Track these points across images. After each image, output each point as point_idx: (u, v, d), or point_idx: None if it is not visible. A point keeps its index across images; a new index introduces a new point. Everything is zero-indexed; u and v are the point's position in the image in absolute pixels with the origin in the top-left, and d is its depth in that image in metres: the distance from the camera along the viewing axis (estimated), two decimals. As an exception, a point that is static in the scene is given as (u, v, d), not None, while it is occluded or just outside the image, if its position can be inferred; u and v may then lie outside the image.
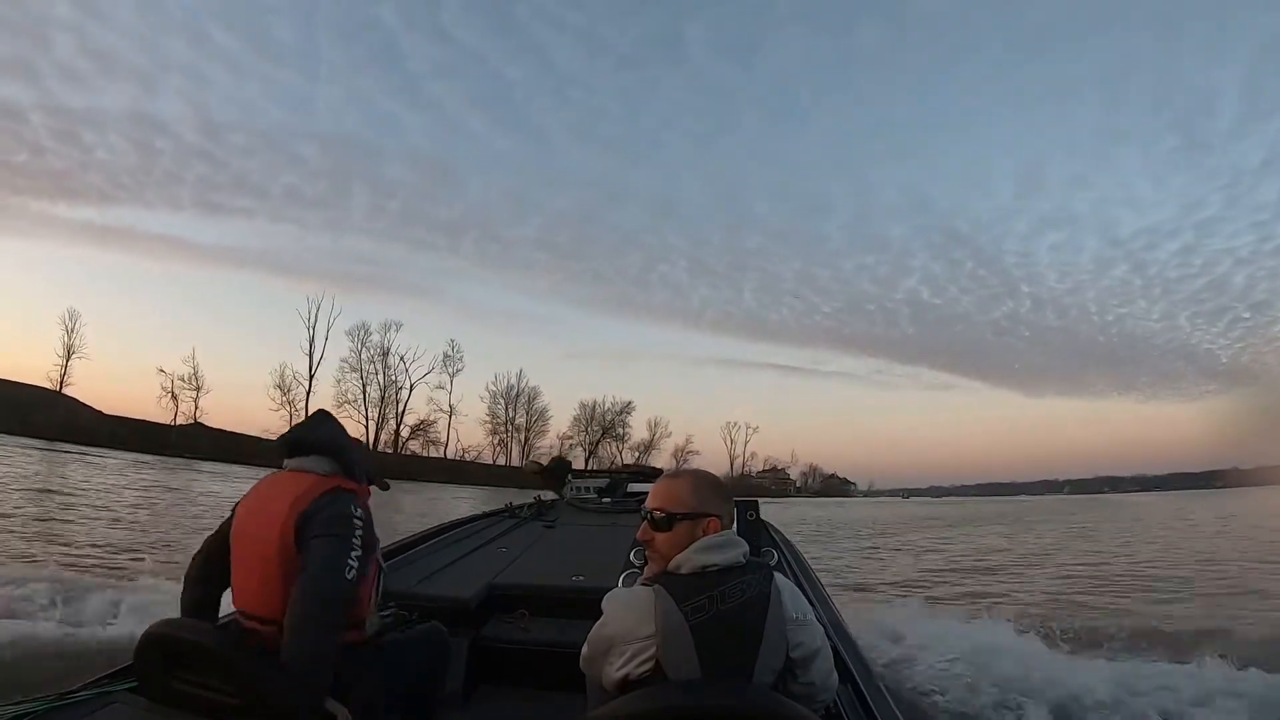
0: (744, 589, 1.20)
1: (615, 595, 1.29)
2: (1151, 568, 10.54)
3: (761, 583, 1.23)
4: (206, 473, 28.82)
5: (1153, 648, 4.82)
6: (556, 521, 4.26)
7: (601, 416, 77.86)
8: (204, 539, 1.82)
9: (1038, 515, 30.02)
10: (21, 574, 4.92)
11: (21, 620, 4.01)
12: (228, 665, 1.38)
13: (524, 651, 2.40)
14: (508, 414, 71.80)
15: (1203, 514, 26.29)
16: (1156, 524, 22.31)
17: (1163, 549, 13.46)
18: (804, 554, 3.48)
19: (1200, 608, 7.13)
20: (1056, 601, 7.65)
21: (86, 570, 6.00)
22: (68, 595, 4.47)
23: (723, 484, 1.40)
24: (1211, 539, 16.43)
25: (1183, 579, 9.33)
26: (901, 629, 4.53)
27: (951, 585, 8.66)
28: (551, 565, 3.12)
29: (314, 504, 1.59)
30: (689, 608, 1.17)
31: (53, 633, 3.90)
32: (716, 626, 1.17)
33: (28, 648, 3.66)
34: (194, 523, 10.86)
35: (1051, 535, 17.97)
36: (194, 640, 1.43)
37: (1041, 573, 10.13)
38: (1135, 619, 6.09)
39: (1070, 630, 5.15)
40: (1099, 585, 8.69)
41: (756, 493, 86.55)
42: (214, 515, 10.54)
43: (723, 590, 1.19)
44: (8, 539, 7.96)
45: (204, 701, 1.40)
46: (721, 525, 1.31)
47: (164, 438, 47.32)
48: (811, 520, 25.08)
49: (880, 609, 5.67)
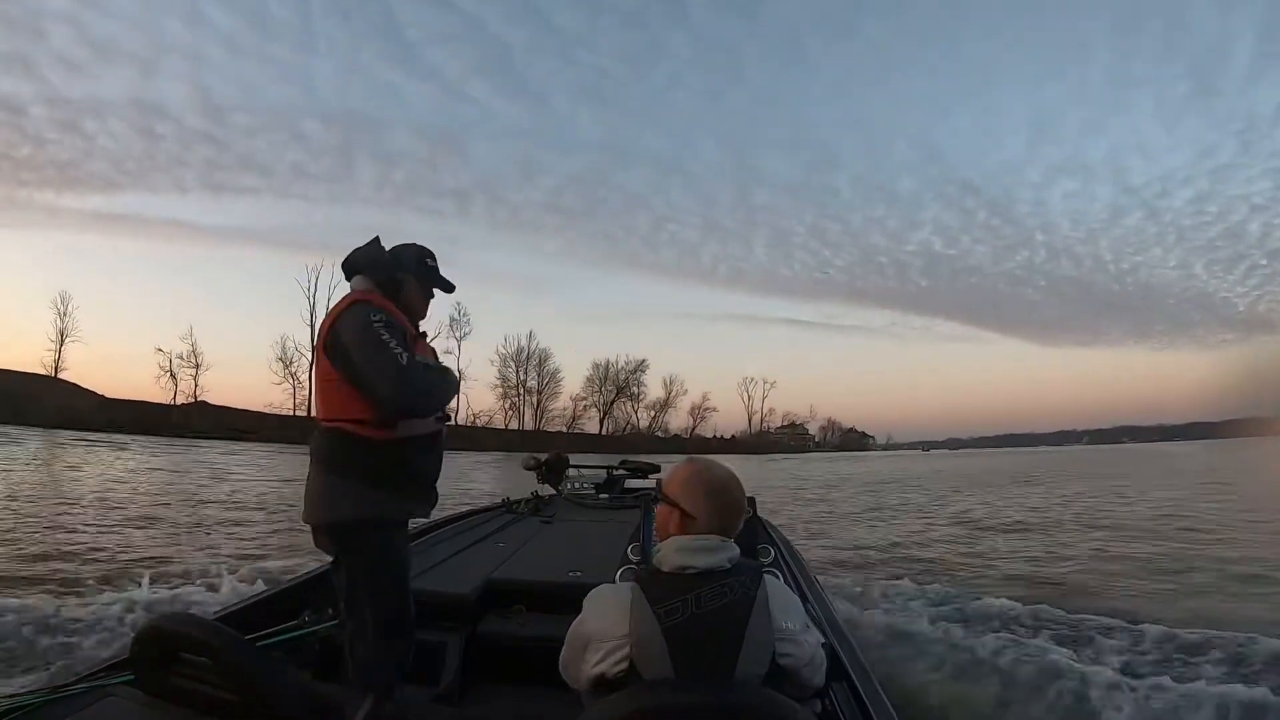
0: (725, 593, 1.19)
1: (596, 592, 1.30)
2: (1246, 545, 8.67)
3: (746, 587, 1.21)
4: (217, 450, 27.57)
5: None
6: (554, 517, 4.25)
7: (615, 376, 77.52)
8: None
9: (1065, 471, 28.83)
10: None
11: (20, 613, 4.09)
12: (225, 660, 1.38)
13: (521, 647, 2.40)
14: (519, 377, 71.66)
15: (1237, 465, 25.00)
16: (1200, 479, 20.83)
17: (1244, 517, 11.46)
18: (801, 552, 3.56)
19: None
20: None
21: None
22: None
23: (723, 489, 1.31)
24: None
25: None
26: (905, 624, 4.42)
27: (976, 571, 7.43)
28: (548, 561, 3.12)
29: (336, 321, 1.84)
30: (663, 609, 1.17)
31: (50, 625, 3.97)
32: (693, 630, 1.16)
33: (25, 640, 3.74)
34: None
35: (1088, 496, 16.13)
36: (191, 635, 1.43)
37: (1084, 550, 8.53)
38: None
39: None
40: (1172, 571, 7.21)
41: (774, 449, 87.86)
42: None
43: (700, 594, 1.18)
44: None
45: (201, 696, 1.41)
46: (701, 527, 1.27)
47: (164, 418, 46.64)
48: (815, 484, 23.38)
49: (882, 600, 5.42)
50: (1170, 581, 6.64)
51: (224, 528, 8.84)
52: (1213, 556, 7.79)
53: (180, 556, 6.62)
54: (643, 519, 2.50)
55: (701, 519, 1.28)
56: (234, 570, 5.41)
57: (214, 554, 6.84)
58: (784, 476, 27.63)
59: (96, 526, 8.41)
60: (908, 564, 7.65)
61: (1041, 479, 23.11)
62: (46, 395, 43.80)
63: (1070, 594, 6.00)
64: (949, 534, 10.15)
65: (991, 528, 10.76)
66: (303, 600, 2.54)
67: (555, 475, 5.02)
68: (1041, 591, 6.02)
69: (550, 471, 5.01)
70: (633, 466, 5.06)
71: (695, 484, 1.31)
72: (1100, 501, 14.67)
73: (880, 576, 6.57)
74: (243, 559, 6.45)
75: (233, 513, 10.40)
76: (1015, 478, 24.12)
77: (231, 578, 4.98)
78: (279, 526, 8.89)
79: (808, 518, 12.45)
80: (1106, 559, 7.88)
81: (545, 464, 4.98)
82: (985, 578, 6.92)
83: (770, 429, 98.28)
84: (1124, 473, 25.66)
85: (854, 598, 5.37)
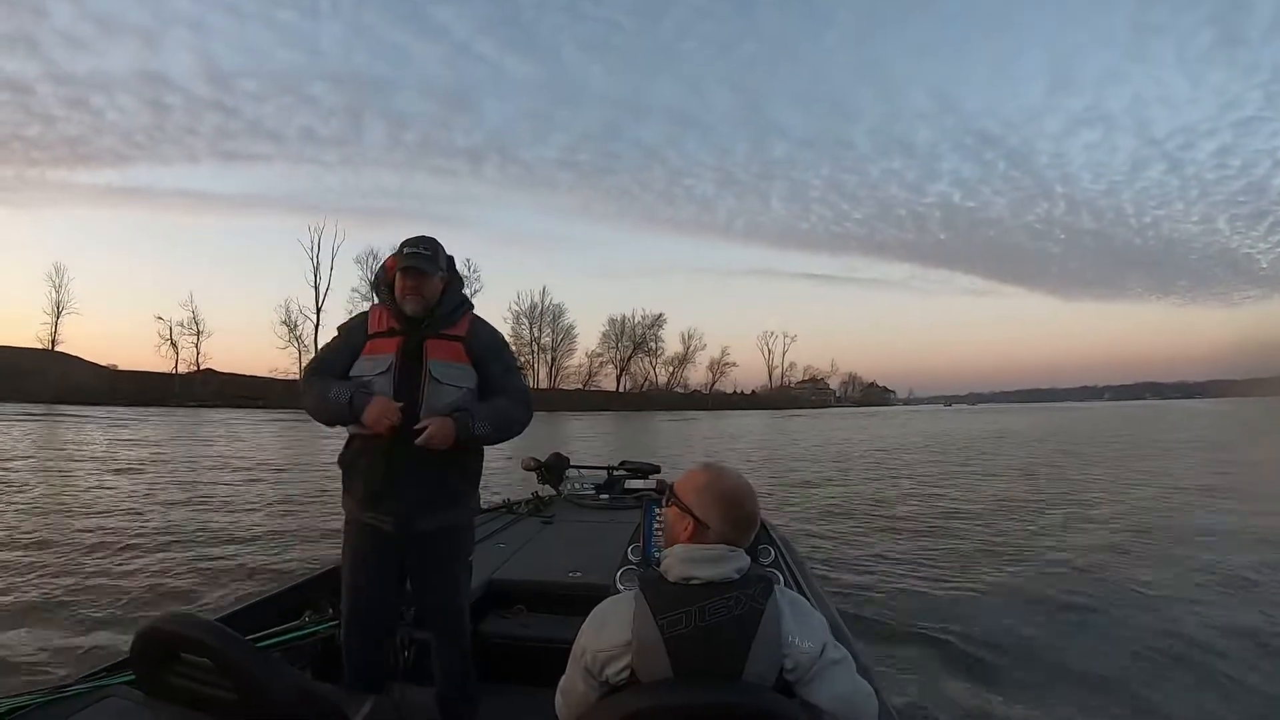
0: (732, 606, 1.16)
1: (600, 607, 1.27)
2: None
3: (754, 599, 1.17)
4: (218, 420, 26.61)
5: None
6: (554, 518, 4.29)
7: (632, 331, 76.15)
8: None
9: (1098, 433, 27.03)
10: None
11: (18, 613, 4.22)
12: (225, 661, 1.38)
13: (521, 647, 2.47)
14: (532, 333, 70.46)
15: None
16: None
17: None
18: (803, 554, 3.70)
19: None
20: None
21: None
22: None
23: (739, 501, 1.27)
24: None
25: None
26: (916, 628, 4.30)
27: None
28: (549, 561, 3.13)
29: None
30: (665, 620, 1.15)
31: (50, 625, 4.06)
32: (696, 641, 1.14)
33: (25, 640, 3.80)
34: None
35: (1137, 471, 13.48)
36: (192, 635, 1.43)
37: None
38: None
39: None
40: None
41: (795, 404, 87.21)
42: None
43: (704, 606, 1.16)
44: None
45: (202, 697, 1.42)
46: (712, 537, 1.24)
47: (167, 388, 46.17)
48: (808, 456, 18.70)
49: (887, 607, 4.98)
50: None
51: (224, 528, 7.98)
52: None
53: (178, 558, 6.15)
54: (643, 520, 2.33)
55: (714, 529, 1.25)
56: (235, 570, 5.52)
57: (214, 553, 6.41)
58: (793, 448, 21.82)
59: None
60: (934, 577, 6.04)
61: (1111, 444, 20.84)
62: (44, 369, 43.59)
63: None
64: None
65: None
66: (304, 600, 2.53)
67: (555, 476, 5.09)
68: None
69: (550, 472, 5.06)
70: (633, 467, 5.11)
71: (711, 492, 1.28)
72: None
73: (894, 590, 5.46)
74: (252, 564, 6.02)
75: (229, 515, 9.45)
76: (1079, 444, 21.48)
77: (232, 578, 5.06)
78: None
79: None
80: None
81: (545, 464, 5.06)
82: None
83: (791, 384, 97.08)
84: (1213, 439, 22.70)
85: (864, 607, 4.89)
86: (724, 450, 21.17)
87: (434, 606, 2.01)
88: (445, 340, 1.92)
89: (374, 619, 1.97)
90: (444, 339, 1.92)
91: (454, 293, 1.98)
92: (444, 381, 1.88)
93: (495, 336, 2.05)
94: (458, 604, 2.01)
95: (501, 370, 1.99)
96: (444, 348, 1.91)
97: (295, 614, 2.43)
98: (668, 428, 35.88)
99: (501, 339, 2.08)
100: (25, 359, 43.93)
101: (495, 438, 1.94)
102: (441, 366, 1.88)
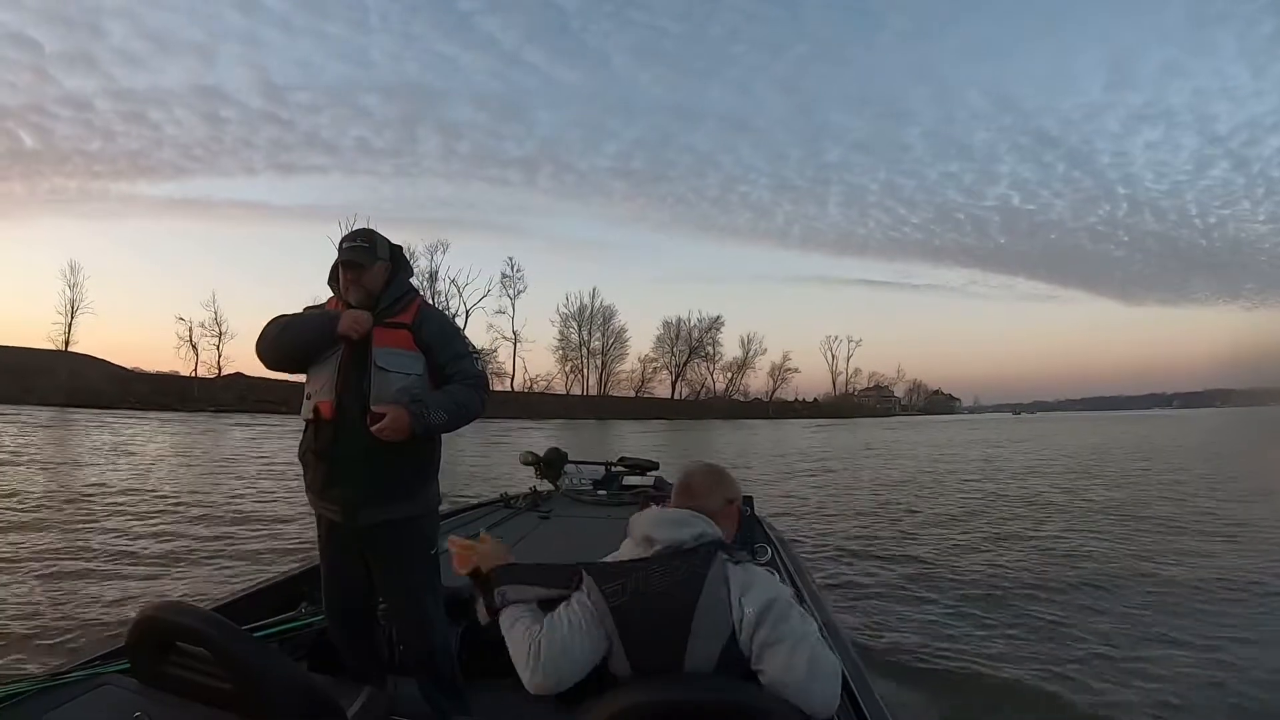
0: (673, 570, 1.19)
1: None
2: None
3: (698, 565, 1.20)
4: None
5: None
6: (551, 513, 4.43)
7: (688, 335, 73.05)
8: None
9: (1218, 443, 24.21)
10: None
11: (14, 600, 4.33)
12: (221, 650, 1.42)
13: None
14: (581, 337, 68.27)
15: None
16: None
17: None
18: (799, 552, 3.92)
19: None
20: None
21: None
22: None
23: (689, 473, 1.43)
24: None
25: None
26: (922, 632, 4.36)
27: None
28: (545, 557, 2.63)
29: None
30: (608, 589, 1.19)
31: (46, 613, 4.15)
32: (638, 610, 1.17)
33: (20, 628, 3.87)
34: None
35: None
36: (188, 624, 1.47)
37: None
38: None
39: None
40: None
41: (859, 412, 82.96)
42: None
43: (646, 575, 1.19)
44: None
45: (197, 686, 1.45)
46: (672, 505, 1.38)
47: (186, 391, 45.14)
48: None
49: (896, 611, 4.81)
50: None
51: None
52: None
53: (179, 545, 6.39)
54: None
55: (674, 501, 1.39)
56: (231, 561, 5.65)
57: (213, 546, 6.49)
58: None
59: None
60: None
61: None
62: (53, 369, 43.61)
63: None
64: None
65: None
66: (300, 591, 2.59)
67: (553, 471, 5.13)
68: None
69: (548, 467, 5.10)
70: (631, 463, 5.26)
71: (714, 480, 1.42)
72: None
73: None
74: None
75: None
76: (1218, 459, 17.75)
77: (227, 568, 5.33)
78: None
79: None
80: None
81: (543, 459, 5.11)
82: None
83: (854, 391, 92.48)
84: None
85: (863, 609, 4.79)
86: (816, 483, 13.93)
87: (392, 602, 2.09)
88: (390, 329, 1.97)
89: (343, 609, 2.07)
90: (389, 327, 1.97)
91: (400, 282, 2.06)
92: (390, 369, 1.93)
93: (445, 323, 2.11)
94: (416, 599, 2.03)
95: (452, 356, 2.02)
96: (390, 336, 1.97)
97: (291, 604, 2.51)
98: (735, 438, 32.25)
99: (453, 326, 2.15)
100: (33, 359, 43.98)
101: (450, 425, 1.97)
102: (387, 354, 1.93)
